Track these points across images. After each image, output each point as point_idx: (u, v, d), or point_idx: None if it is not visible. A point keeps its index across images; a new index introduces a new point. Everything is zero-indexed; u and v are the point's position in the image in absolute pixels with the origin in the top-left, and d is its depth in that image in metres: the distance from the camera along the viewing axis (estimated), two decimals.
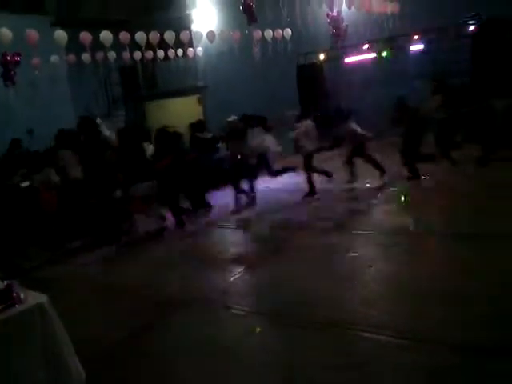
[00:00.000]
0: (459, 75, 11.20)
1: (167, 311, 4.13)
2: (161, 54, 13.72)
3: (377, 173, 7.93)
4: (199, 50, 14.75)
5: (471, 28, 11.13)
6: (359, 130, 8.13)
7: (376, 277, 4.33)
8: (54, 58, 12.13)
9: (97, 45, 11.34)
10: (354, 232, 5.68)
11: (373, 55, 12.83)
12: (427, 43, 12.06)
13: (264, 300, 4.15)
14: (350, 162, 8.22)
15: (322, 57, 13.77)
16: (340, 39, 12.46)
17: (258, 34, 12.41)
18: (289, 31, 12.78)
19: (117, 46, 12.00)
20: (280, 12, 10.17)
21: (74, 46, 11.09)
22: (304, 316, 3.67)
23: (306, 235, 5.84)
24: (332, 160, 9.58)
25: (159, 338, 3.69)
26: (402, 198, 7.06)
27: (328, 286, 4.15)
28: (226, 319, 3.89)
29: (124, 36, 11.07)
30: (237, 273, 4.82)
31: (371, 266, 4.52)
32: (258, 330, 3.60)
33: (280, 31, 12.69)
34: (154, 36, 11.29)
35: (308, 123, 8.07)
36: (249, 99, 14.17)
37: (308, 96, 13.58)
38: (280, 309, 3.86)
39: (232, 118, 10.88)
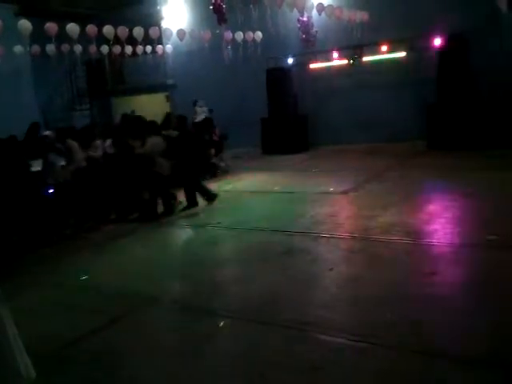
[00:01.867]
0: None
1: (129, 309, 4.06)
2: (129, 49, 13.53)
3: (343, 179, 8.09)
4: (169, 47, 14.62)
5: (437, 42, 11.49)
6: None
7: (336, 280, 4.39)
8: (17, 49, 11.78)
9: (63, 37, 11.09)
10: (316, 235, 5.73)
11: (341, 62, 13.02)
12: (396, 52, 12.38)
13: (224, 301, 4.15)
14: None
15: (291, 61, 13.89)
16: (310, 44, 12.61)
17: (228, 35, 12.42)
18: (259, 34, 12.85)
19: (84, 39, 11.77)
20: (251, 15, 10.23)
21: (39, 36, 10.79)
22: (263, 317, 3.68)
23: (267, 236, 5.86)
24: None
25: (119, 336, 3.62)
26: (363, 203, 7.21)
27: (288, 288, 4.18)
28: (187, 319, 3.85)
29: (91, 29, 10.86)
30: (200, 273, 4.79)
31: (332, 269, 4.58)
32: (218, 327, 3.59)
33: (251, 34, 12.74)
34: (123, 31, 11.12)
35: None
36: (218, 100, 14.15)
37: (276, 99, 13.70)
38: (239, 310, 3.86)
39: (200, 117, 10.90)
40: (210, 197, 7.69)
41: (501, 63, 11.33)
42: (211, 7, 8.30)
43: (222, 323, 3.66)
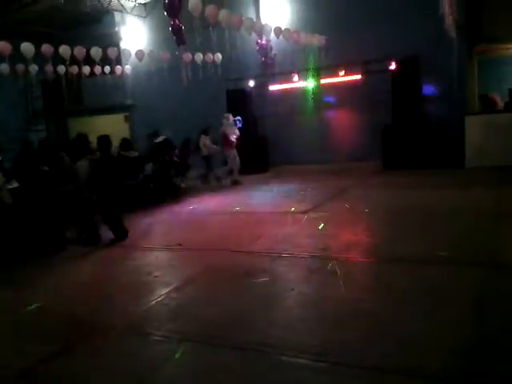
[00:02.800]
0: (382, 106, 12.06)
1: (82, 337, 3.91)
2: (87, 69, 13.37)
3: (303, 198, 8.17)
4: (128, 67, 14.54)
5: (391, 66, 11.94)
6: None
7: (297, 300, 4.40)
8: None
9: (18, 56, 10.85)
10: (277, 255, 5.74)
11: (299, 85, 13.30)
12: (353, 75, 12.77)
13: (182, 324, 4.05)
14: None
15: (251, 83, 14.07)
16: (268, 67, 12.84)
17: (188, 56, 12.48)
18: (219, 56, 12.98)
19: (40, 58, 11.56)
20: (211, 37, 10.33)
21: None
22: (222, 340, 3.63)
23: (229, 257, 5.82)
24: None
25: (70, 365, 3.47)
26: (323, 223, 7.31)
27: (249, 310, 4.14)
28: (142, 344, 3.74)
29: (47, 49, 10.66)
30: (158, 296, 4.69)
31: (293, 290, 4.58)
32: (175, 355, 3.50)
33: (210, 55, 12.85)
34: (80, 50, 10.99)
35: None
36: (178, 120, 14.13)
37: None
38: (197, 333, 3.79)
39: (160, 138, 10.83)
40: (119, 235, 7.00)
41: (447, 86, 11.93)
42: (170, 28, 8.32)
43: (179, 347, 3.57)
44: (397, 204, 8.14)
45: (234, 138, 11.73)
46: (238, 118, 12.45)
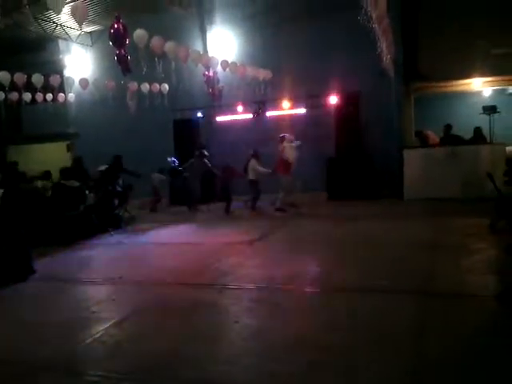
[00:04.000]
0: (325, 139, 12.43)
1: (14, 379, 3.62)
2: (28, 96, 12.97)
3: (250, 229, 8.17)
4: (71, 95, 14.23)
5: (333, 101, 12.40)
6: None
7: (241, 333, 4.31)
8: None
9: None
10: (221, 286, 5.65)
11: (245, 116, 13.51)
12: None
13: (122, 362, 3.86)
14: None
15: (198, 114, 14.13)
16: (215, 98, 12.97)
17: (134, 86, 12.40)
18: (166, 86, 12.98)
19: None
20: (158, 67, 10.33)
21: None
22: (161, 377, 3.47)
23: (173, 290, 5.67)
24: None
25: None
26: (269, 251, 7.31)
27: (190, 345, 4.01)
28: None
29: None
30: (95, 333, 4.46)
31: (237, 322, 4.50)
32: None
33: (157, 85, 12.82)
34: (19, 77, 10.65)
35: None
36: (123, 149, 13.88)
37: (184, 150, 13.75)
38: (134, 371, 3.61)
39: (103, 167, 10.57)
40: (21, 272, 6.41)
41: (386, 121, 12.51)
42: (115, 58, 8.25)
43: None
44: (339, 234, 8.31)
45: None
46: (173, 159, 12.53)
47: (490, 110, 12.98)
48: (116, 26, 7.89)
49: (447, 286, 5.09)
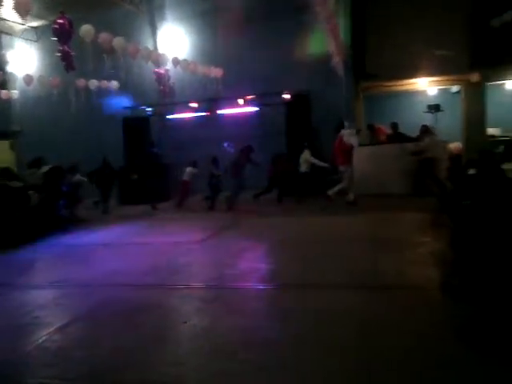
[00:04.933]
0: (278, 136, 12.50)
1: None
2: None
3: (201, 227, 8.10)
4: (15, 92, 13.66)
5: (286, 97, 12.51)
6: None
7: (190, 333, 4.26)
8: None
9: None
10: (170, 287, 5.57)
11: (197, 114, 13.41)
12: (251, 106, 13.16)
13: (65, 369, 3.73)
14: None
15: (148, 111, 13.89)
16: (167, 96, 12.79)
17: (81, 82, 12.03)
18: (115, 83, 12.66)
19: None
20: (108, 63, 10.06)
21: None
22: (109, 383, 3.39)
23: (119, 292, 5.53)
24: None
25: None
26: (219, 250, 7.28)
27: (137, 347, 3.93)
28: None
29: None
30: (37, 339, 4.29)
31: (186, 322, 4.45)
32: None
33: (106, 82, 12.49)
34: None
35: None
36: (70, 147, 13.47)
37: (134, 148, 13.48)
38: (82, 377, 3.50)
39: (46, 167, 10.19)
40: None
41: (336, 119, 12.74)
42: (59, 54, 7.96)
43: None
44: (288, 231, 8.39)
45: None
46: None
47: (435, 108, 13.50)
48: (61, 21, 7.61)
49: (392, 279, 5.24)
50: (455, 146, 12.74)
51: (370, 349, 3.60)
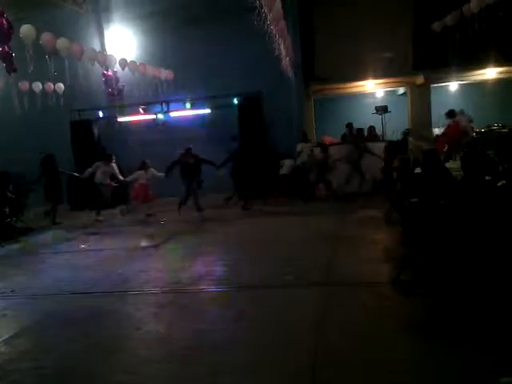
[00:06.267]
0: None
1: None
2: None
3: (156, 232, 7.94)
4: None
5: (236, 100, 12.52)
6: None
7: (144, 340, 4.17)
8: None
9: None
10: (123, 293, 5.44)
11: (148, 117, 13.19)
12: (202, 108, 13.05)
13: (17, 379, 3.57)
14: None
15: (98, 114, 13.53)
16: (116, 98, 12.51)
17: (24, 85, 11.54)
18: (61, 86, 12.23)
19: None
20: (52, 65, 9.70)
21: None
22: None
23: (71, 301, 5.35)
24: None
25: None
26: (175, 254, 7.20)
27: (90, 355, 3.82)
28: None
29: None
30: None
31: (139, 329, 4.36)
32: None
33: (51, 85, 12.04)
34: None
35: None
36: (13, 152, 12.95)
37: (82, 152, 13.07)
38: None
39: None
40: None
41: (288, 121, 12.88)
42: None
43: None
44: (248, 233, 8.40)
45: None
46: None
47: (382, 109, 13.90)
48: None
49: (347, 276, 5.35)
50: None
51: (324, 347, 3.64)
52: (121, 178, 10.70)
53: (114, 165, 10.73)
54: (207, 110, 12.97)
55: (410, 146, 9.98)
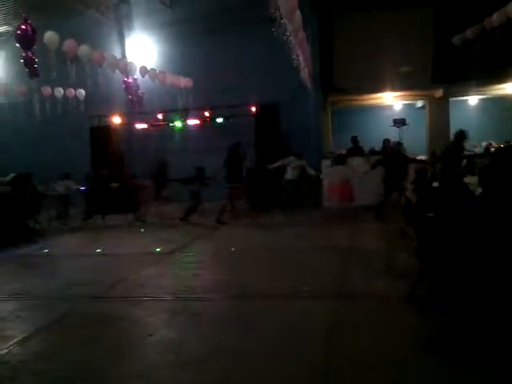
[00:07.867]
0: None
1: None
2: None
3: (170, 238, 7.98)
4: None
5: (253, 109, 12.58)
6: None
7: (156, 346, 4.18)
8: None
9: None
10: (137, 299, 5.46)
11: (166, 124, 13.32)
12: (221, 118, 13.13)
13: (29, 380, 3.60)
14: None
15: (116, 120, 13.71)
16: (136, 105, 12.67)
17: (47, 90, 11.78)
18: (82, 92, 12.46)
19: None
20: (74, 72, 9.90)
21: None
22: None
23: (85, 304, 5.39)
24: None
25: None
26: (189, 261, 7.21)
27: (101, 360, 3.83)
28: None
29: None
30: (2, 349, 4.12)
31: (152, 335, 4.37)
32: None
33: (72, 90, 12.28)
34: None
35: None
36: (34, 157, 13.14)
37: (101, 157, 13.24)
38: None
39: (10, 176, 9.91)
40: None
41: (305, 132, 12.87)
42: (22, 60, 7.79)
43: None
44: (261, 243, 8.38)
45: None
46: None
47: (400, 122, 13.83)
48: (23, 27, 7.47)
49: (360, 289, 5.30)
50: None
51: (336, 361, 3.61)
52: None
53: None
54: (222, 119, 13.05)
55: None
